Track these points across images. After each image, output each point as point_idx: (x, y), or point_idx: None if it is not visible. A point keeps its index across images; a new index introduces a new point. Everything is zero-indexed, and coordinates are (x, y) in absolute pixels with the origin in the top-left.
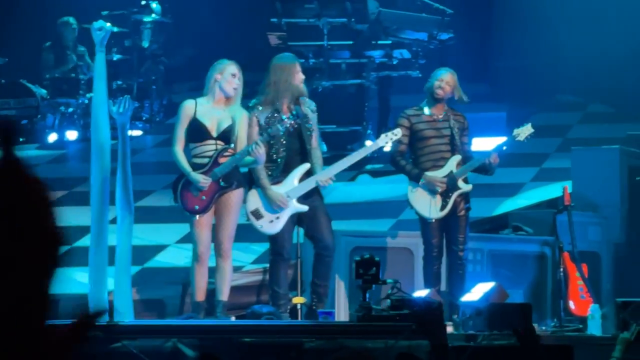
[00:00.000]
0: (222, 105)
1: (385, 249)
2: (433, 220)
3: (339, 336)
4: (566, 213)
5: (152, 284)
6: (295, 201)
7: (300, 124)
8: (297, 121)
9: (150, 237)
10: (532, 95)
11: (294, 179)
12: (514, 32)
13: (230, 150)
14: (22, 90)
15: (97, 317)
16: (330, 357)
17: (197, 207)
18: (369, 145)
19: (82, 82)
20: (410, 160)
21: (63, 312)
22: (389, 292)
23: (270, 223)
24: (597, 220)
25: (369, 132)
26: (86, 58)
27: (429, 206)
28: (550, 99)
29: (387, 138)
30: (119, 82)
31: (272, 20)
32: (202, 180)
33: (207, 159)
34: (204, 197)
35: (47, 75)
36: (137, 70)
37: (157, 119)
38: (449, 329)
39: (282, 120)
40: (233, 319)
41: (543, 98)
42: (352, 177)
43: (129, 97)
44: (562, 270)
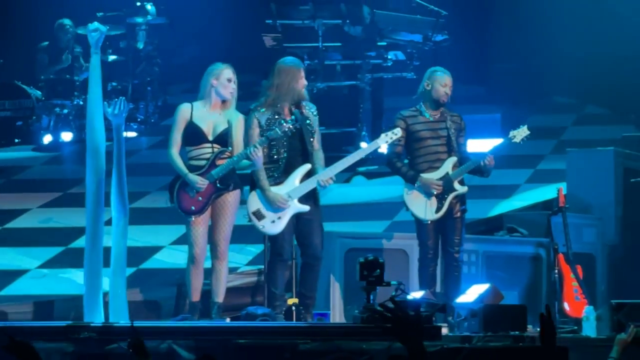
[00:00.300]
0: (218, 109)
1: (380, 251)
2: (429, 222)
3: (333, 338)
4: (561, 215)
5: (147, 285)
6: (296, 201)
7: (298, 127)
8: (295, 125)
9: (146, 238)
10: (527, 96)
11: (295, 179)
12: (508, 34)
13: (227, 152)
14: (17, 91)
15: None
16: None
17: (193, 208)
18: (369, 145)
19: (77, 83)
20: (407, 161)
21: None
22: (393, 293)
23: (272, 223)
24: (591, 221)
25: (363, 133)
26: (80, 60)
27: (424, 208)
28: (545, 100)
29: (387, 137)
30: (114, 84)
31: (267, 21)
32: (200, 182)
33: (204, 162)
34: (200, 198)
35: (42, 77)
36: (132, 71)
37: (152, 121)
38: (444, 330)
39: (280, 124)
40: (228, 320)
41: (538, 100)
42: (347, 179)
43: (124, 98)
44: (556, 271)
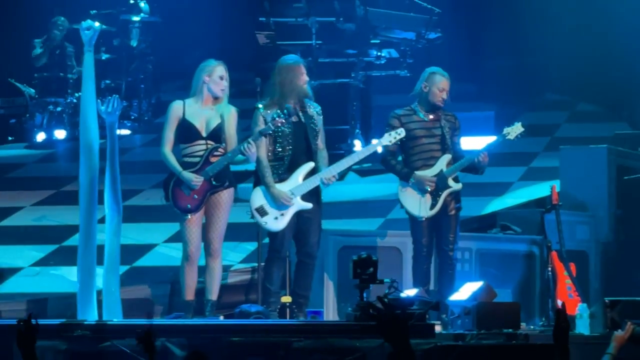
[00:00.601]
0: (210, 104)
1: (373, 248)
2: (423, 219)
3: (327, 335)
4: (554, 212)
5: (140, 283)
6: (299, 198)
7: (293, 121)
8: (288, 120)
9: (139, 236)
10: (520, 94)
11: (299, 176)
12: (502, 32)
13: (221, 149)
14: (11, 89)
15: None
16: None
17: (189, 205)
18: (374, 144)
19: (71, 81)
20: (401, 159)
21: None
22: (386, 291)
23: (275, 220)
24: (585, 219)
25: (357, 131)
26: (72, 59)
27: (418, 205)
28: (539, 98)
29: (391, 137)
30: (108, 81)
31: (260, 19)
32: (195, 179)
33: (197, 159)
34: (195, 195)
35: (35, 74)
36: (126, 69)
37: (146, 118)
38: (437, 328)
39: (273, 119)
40: (222, 318)
41: (531, 97)
42: (340, 176)
43: (117, 96)
44: (550, 269)
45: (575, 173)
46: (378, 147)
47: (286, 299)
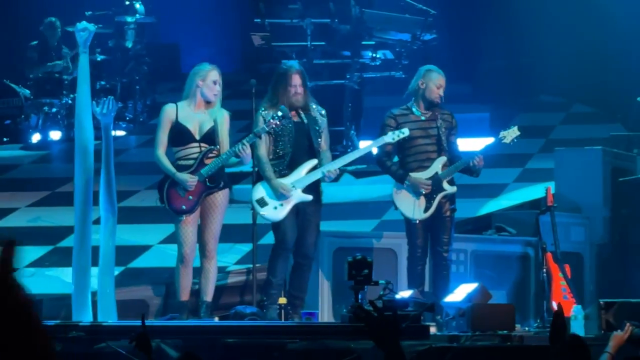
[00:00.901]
0: (203, 108)
1: (368, 250)
2: (417, 221)
3: (322, 337)
4: (549, 214)
5: (135, 284)
6: (300, 190)
7: (287, 124)
8: (282, 121)
9: (134, 237)
10: (515, 95)
11: (302, 171)
12: (496, 33)
13: (215, 151)
14: (6, 90)
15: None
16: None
17: (184, 207)
18: (375, 141)
19: (66, 82)
20: (397, 159)
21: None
22: (381, 292)
23: (275, 210)
24: (580, 221)
25: (352, 132)
26: (68, 60)
27: (413, 207)
28: (534, 99)
29: (395, 135)
30: (103, 83)
31: (255, 20)
32: (190, 180)
33: (192, 161)
34: (190, 197)
35: (30, 75)
36: (121, 70)
37: (141, 119)
38: (432, 329)
39: (268, 121)
40: (217, 319)
41: (526, 98)
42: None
43: (112, 97)
44: (545, 270)
45: (570, 175)
46: (380, 143)
47: (282, 300)
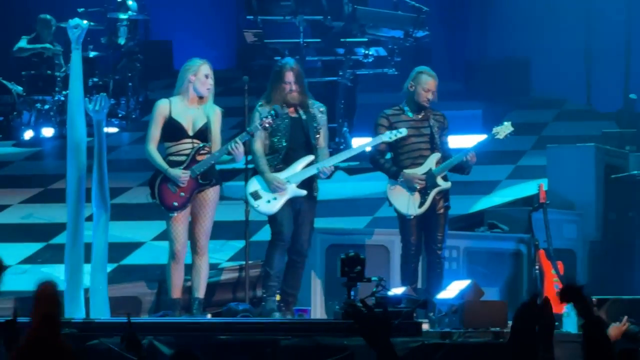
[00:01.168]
0: (196, 104)
1: (361, 247)
2: (412, 217)
3: (314, 334)
4: (542, 211)
5: (128, 281)
6: (294, 185)
7: (279, 123)
8: (275, 120)
9: (126, 234)
10: (508, 92)
11: (297, 166)
12: (489, 30)
13: (207, 148)
14: None
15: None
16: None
17: (175, 203)
18: (373, 139)
19: (58, 79)
20: (390, 157)
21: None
22: (374, 289)
23: (268, 203)
24: (572, 218)
25: (345, 129)
26: (60, 58)
27: (407, 203)
28: (526, 96)
29: (392, 134)
30: (95, 79)
31: (248, 17)
32: (182, 176)
33: (184, 157)
34: (182, 193)
35: (23, 72)
36: (113, 67)
37: (133, 116)
38: (425, 326)
39: (261, 119)
40: (209, 316)
41: (519, 96)
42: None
43: (105, 94)
44: (537, 267)
45: (563, 171)
46: (377, 142)
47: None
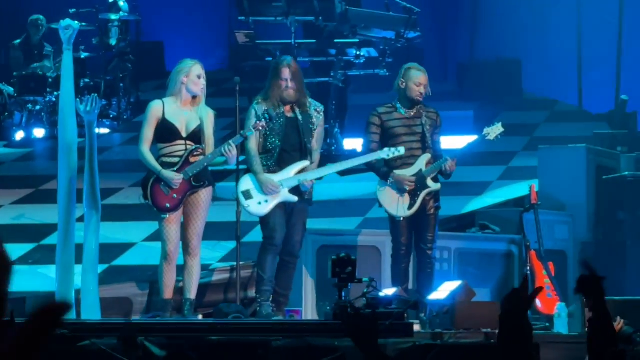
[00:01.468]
0: (189, 105)
1: (352, 248)
2: (401, 219)
3: (305, 334)
4: (533, 212)
5: (119, 282)
6: (287, 190)
7: (273, 126)
8: (269, 123)
9: (118, 235)
10: (499, 93)
11: (291, 170)
12: (481, 31)
13: (200, 150)
14: None
15: (61, 311)
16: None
17: (168, 205)
18: (369, 155)
19: (50, 80)
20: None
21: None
22: (365, 290)
23: (259, 205)
24: (563, 218)
25: (336, 130)
26: (51, 59)
27: (397, 205)
28: (518, 97)
29: (390, 152)
30: (87, 80)
31: (239, 18)
32: (175, 178)
33: (177, 159)
34: (175, 195)
35: (14, 73)
36: (105, 68)
37: (125, 117)
38: (416, 327)
39: (255, 122)
40: (200, 317)
41: (510, 97)
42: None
43: (96, 95)
44: (528, 268)
45: (554, 172)
46: (372, 157)
47: None
